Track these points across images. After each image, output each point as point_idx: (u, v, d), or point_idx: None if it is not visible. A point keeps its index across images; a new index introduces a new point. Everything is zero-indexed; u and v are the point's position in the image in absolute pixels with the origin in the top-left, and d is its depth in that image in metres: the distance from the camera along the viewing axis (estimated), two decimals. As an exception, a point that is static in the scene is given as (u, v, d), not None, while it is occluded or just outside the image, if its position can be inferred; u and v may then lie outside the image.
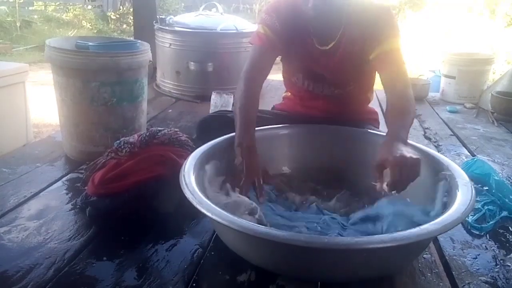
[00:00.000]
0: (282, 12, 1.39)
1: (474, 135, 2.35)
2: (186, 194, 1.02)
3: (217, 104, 2.33)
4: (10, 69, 2.18)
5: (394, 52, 1.31)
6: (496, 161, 1.97)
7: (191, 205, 0.99)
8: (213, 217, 0.94)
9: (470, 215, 1.37)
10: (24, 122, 2.27)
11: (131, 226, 1.25)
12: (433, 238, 1.19)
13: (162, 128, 1.44)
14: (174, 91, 2.90)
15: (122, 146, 1.35)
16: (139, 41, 1.95)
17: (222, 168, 1.27)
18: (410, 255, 1.07)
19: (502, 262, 1.17)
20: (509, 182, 1.68)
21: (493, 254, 1.21)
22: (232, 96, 2.35)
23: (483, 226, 1.33)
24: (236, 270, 1.06)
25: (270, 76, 1.49)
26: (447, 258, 1.17)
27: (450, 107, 2.89)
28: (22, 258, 1.08)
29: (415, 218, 1.09)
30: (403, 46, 1.33)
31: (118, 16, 7.96)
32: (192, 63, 2.77)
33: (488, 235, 1.31)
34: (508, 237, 1.31)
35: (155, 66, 3.03)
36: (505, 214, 1.41)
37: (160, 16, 2.94)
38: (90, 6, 8.25)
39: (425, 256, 1.17)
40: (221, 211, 0.96)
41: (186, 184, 1.06)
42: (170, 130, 1.43)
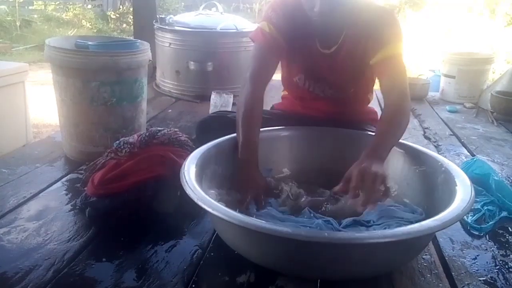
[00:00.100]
0: (288, 10, 1.36)
1: (474, 135, 2.35)
2: (186, 191, 1.02)
3: (217, 104, 2.33)
4: (10, 68, 2.18)
5: (395, 58, 1.29)
6: (495, 161, 1.97)
7: (191, 205, 0.98)
8: (214, 212, 0.94)
9: (470, 216, 1.37)
10: (23, 122, 2.26)
11: (131, 226, 1.25)
12: (433, 235, 1.20)
13: (162, 128, 1.44)
14: (174, 91, 2.90)
15: (122, 146, 1.34)
16: (139, 40, 1.95)
17: (221, 175, 1.27)
18: (410, 252, 1.07)
19: (501, 262, 1.17)
20: (508, 182, 1.68)
21: (492, 255, 1.21)
22: (232, 96, 2.35)
23: (483, 226, 1.33)
24: (235, 271, 1.06)
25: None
26: (447, 258, 1.17)
27: (449, 107, 2.89)
28: (21, 259, 1.08)
29: (405, 218, 1.12)
30: (405, 50, 1.31)
31: (118, 15, 7.94)
32: (192, 63, 2.77)
33: (487, 236, 1.31)
34: (507, 237, 1.31)
35: (155, 65, 3.03)
36: (504, 214, 1.41)
37: (160, 15, 2.94)
38: (90, 6, 8.23)
39: (424, 256, 1.17)
40: (221, 207, 0.96)
41: (187, 181, 1.06)
42: (170, 130, 1.43)
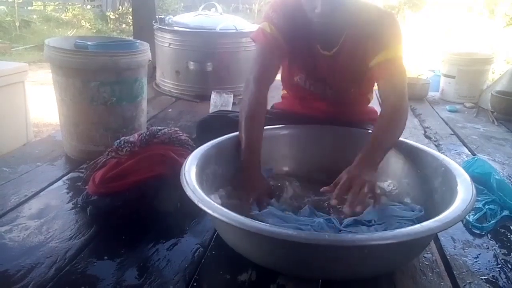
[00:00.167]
0: (289, 10, 1.35)
1: (474, 134, 2.35)
2: (187, 192, 1.02)
3: (217, 103, 2.33)
4: (10, 68, 2.18)
5: (394, 60, 1.28)
6: (496, 160, 1.97)
7: (192, 204, 0.98)
8: (214, 214, 0.94)
9: (471, 215, 1.37)
10: (24, 122, 2.26)
11: (132, 225, 1.24)
12: (434, 236, 1.19)
13: (162, 127, 1.44)
14: (174, 91, 2.90)
15: (123, 146, 1.34)
16: (138, 40, 1.95)
17: (222, 175, 1.27)
18: (411, 253, 1.07)
19: (503, 261, 1.17)
20: (509, 181, 1.68)
21: (494, 254, 1.21)
22: (232, 95, 2.35)
23: (484, 225, 1.33)
24: (237, 269, 1.06)
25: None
26: (448, 257, 1.17)
27: (450, 107, 2.89)
28: (23, 257, 1.08)
29: (405, 217, 1.12)
30: (405, 52, 1.30)
31: (117, 16, 7.95)
32: (191, 63, 2.77)
33: (489, 235, 1.31)
34: (509, 236, 1.31)
35: (155, 65, 3.03)
36: (506, 213, 1.41)
37: (159, 16, 2.94)
38: (89, 6, 8.23)
39: (426, 255, 1.16)
40: (222, 209, 0.96)
41: (187, 182, 1.06)
42: (170, 129, 1.43)
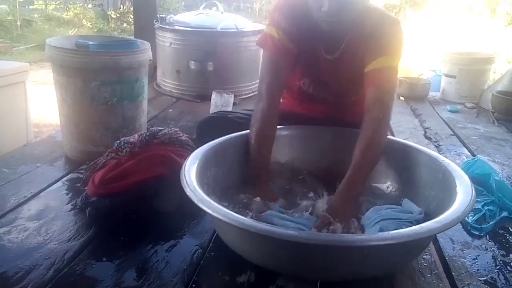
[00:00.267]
0: (295, 12, 1.31)
1: (475, 135, 2.35)
2: (187, 192, 1.02)
3: (217, 103, 2.33)
4: (11, 68, 2.18)
5: (388, 70, 1.26)
6: (496, 161, 1.96)
7: (191, 205, 0.99)
8: (214, 214, 0.94)
9: (470, 216, 1.37)
10: (24, 122, 2.27)
11: (131, 226, 1.25)
12: (433, 237, 1.19)
13: (163, 127, 1.44)
14: (175, 91, 2.89)
15: (123, 146, 1.34)
16: (140, 40, 1.95)
17: (222, 176, 1.27)
18: (411, 254, 1.07)
19: (502, 262, 1.17)
20: (509, 182, 1.68)
21: (493, 255, 1.21)
22: (232, 96, 2.36)
23: (483, 226, 1.33)
24: (236, 271, 1.06)
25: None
26: (447, 259, 1.17)
27: (450, 107, 2.89)
28: (22, 259, 1.08)
29: (404, 219, 1.12)
30: (402, 61, 1.30)
31: (118, 15, 7.96)
32: (192, 62, 2.77)
33: (488, 236, 1.31)
34: (508, 237, 1.31)
35: (156, 65, 3.03)
36: (505, 214, 1.41)
37: (160, 15, 2.93)
38: (90, 5, 8.25)
39: (424, 257, 1.16)
40: (221, 208, 0.96)
41: (187, 182, 1.06)
42: (171, 130, 1.43)
